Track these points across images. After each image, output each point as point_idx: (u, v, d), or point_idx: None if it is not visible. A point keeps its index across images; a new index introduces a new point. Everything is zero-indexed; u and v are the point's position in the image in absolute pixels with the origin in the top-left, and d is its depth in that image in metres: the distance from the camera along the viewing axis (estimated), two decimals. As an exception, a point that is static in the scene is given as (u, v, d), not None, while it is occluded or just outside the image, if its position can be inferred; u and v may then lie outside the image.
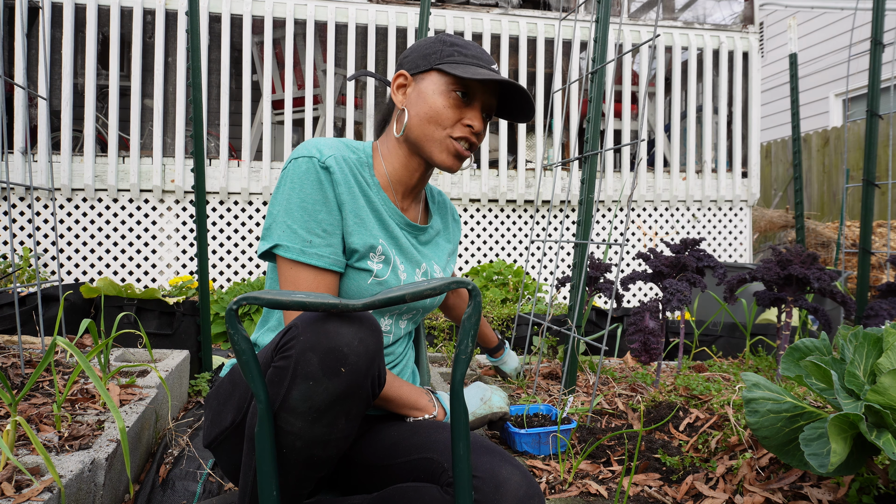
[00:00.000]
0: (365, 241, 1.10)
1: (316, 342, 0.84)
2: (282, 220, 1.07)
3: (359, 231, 1.10)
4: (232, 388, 1.06)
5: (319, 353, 0.83)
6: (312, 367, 0.83)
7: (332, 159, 1.09)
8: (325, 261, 1.07)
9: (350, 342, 0.84)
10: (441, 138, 1.15)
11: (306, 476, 0.92)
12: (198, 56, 2.17)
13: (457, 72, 1.11)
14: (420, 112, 1.15)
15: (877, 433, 1.01)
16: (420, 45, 1.21)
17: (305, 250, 1.06)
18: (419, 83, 1.17)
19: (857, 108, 7.95)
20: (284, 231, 1.07)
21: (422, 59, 1.18)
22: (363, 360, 0.85)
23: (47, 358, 1.29)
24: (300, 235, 1.06)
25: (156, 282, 3.98)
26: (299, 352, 0.84)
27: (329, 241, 1.08)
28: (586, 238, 1.84)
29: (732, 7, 5.37)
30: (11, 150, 3.72)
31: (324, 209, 1.07)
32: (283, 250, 1.06)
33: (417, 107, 1.16)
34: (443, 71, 1.15)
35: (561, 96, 4.47)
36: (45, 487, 1.05)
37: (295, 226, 1.06)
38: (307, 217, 1.06)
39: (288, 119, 4.14)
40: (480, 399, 1.33)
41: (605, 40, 1.84)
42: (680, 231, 4.72)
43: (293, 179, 1.08)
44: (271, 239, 1.08)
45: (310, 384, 0.83)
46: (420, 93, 1.16)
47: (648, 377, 2.05)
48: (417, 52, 1.20)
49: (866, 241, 2.39)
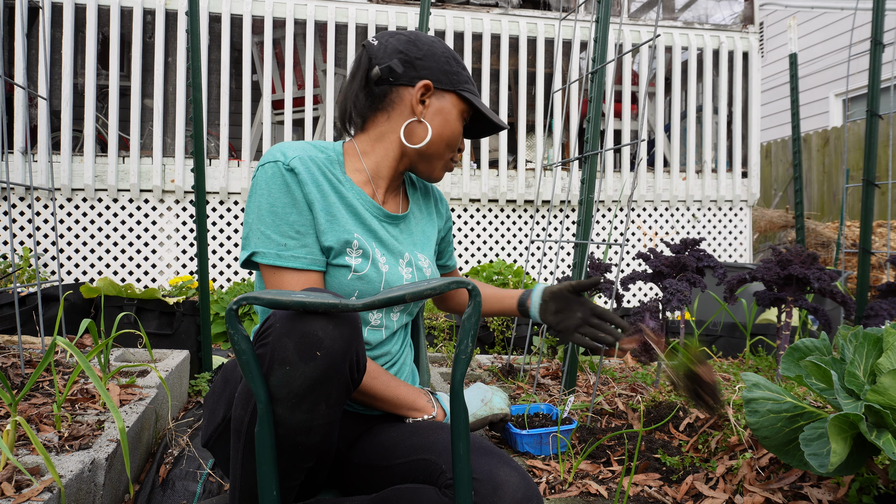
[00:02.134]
0: (338, 237, 1.10)
1: (291, 328, 0.85)
2: (256, 227, 1.08)
3: (331, 228, 1.10)
4: (224, 384, 1.07)
5: (295, 337, 0.84)
6: (288, 351, 0.84)
7: (296, 160, 1.09)
8: (303, 261, 1.08)
9: (325, 326, 0.85)
10: (447, 159, 1.23)
11: (293, 466, 0.92)
12: (198, 56, 2.17)
13: (480, 108, 1.20)
14: (443, 133, 1.19)
15: (877, 433, 1.01)
16: (435, 55, 1.18)
17: (281, 254, 1.07)
18: (439, 100, 1.18)
19: (857, 108, 7.95)
20: (259, 238, 1.07)
21: (444, 74, 1.17)
22: (339, 343, 0.86)
23: (47, 358, 1.29)
24: (274, 240, 1.07)
25: (156, 282, 3.98)
26: (275, 338, 0.85)
27: (303, 241, 1.08)
28: (586, 238, 1.84)
29: (732, 7, 5.37)
30: (11, 150, 3.72)
31: (293, 211, 1.08)
32: (260, 257, 1.07)
33: (441, 127, 1.18)
34: (464, 98, 1.20)
35: (561, 96, 4.47)
36: (45, 487, 1.05)
37: (268, 231, 1.07)
38: (279, 221, 1.07)
39: (288, 119, 4.14)
40: (481, 400, 1.32)
41: (605, 40, 1.84)
42: (680, 231, 4.72)
43: (261, 186, 1.08)
44: (249, 247, 1.09)
45: (286, 369, 0.84)
46: (442, 112, 1.18)
47: (648, 377, 2.05)
48: (435, 62, 1.17)
49: (866, 241, 2.39)
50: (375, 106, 1.19)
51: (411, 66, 1.16)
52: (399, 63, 1.16)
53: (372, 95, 1.19)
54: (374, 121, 1.20)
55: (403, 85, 1.17)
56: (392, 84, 1.17)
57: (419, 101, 1.17)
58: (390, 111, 1.19)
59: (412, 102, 1.16)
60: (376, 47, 1.19)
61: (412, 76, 1.16)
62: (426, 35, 1.21)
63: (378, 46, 1.18)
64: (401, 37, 1.19)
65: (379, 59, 1.17)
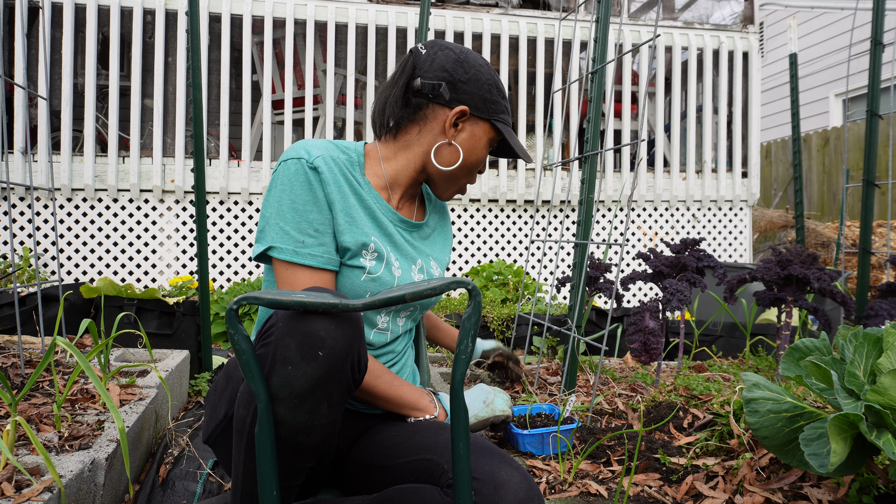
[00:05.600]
0: (356, 238, 1.11)
1: (293, 328, 0.85)
2: (274, 222, 1.08)
3: (350, 229, 1.10)
4: (226, 382, 1.07)
5: (297, 337, 0.84)
6: (290, 351, 0.84)
7: (320, 160, 1.09)
8: (319, 260, 1.08)
9: (327, 326, 0.85)
10: (464, 183, 1.26)
11: (295, 466, 0.92)
12: (198, 56, 2.17)
13: (512, 143, 1.21)
14: (470, 160, 1.20)
15: (877, 433, 1.01)
16: (480, 81, 1.17)
17: (298, 251, 1.07)
18: (472, 126, 1.18)
19: (857, 108, 7.95)
20: (277, 233, 1.07)
21: (483, 102, 1.17)
22: (341, 344, 0.86)
23: (47, 358, 1.29)
24: (292, 236, 1.07)
25: (156, 282, 3.98)
26: (277, 338, 0.85)
27: (321, 240, 1.08)
28: (586, 238, 1.84)
29: (732, 7, 5.37)
30: (11, 150, 3.72)
31: (314, 209, 1.08)
32: (276, 252, 1.07)
33: (470, 153, 1.19)
34: (497, 129, 1.21)
35: (561, 96, 4.47)
36: (45, 487, 1.05)
37: (287, 227, 1.07)
38: (298, 218, 1.07)
39: (288, 119, 4.14)
40: (483, 402, 1.32)
41: (605, 40, 1.84)
42: (680, 231, 4.72)
43: (283, 181, 1.08)
44: (265, 241, 1.08)
45: (288, 369, 0.84)
46: (472, 138, 1.19)
47: (648, 377, 2.05)
48: (479, 89, 1.16)
49: (866, 241, 2.39)
50: (409, 116, 1.19)
51: (454, 87, 1.15)
52: (442, 82, 1.15)
53: (408, 105, 1.18)
54: (405, 130, 1.20)
55: (441, 104, 1.16)
56: (431, 100, 1.16)
57: (452, 125, 1.17)
58: (422, 125, 1.18)
59: (446, 124, 1.16)
60: (423, 57, 1.17)
61: (452, 98, 1.16)
62: (475, 57, 1.19)
63: (425, 57, 1.17)
64: (450, 53, 1.17)
65: (423, 72, 1.16)
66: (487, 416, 1.31)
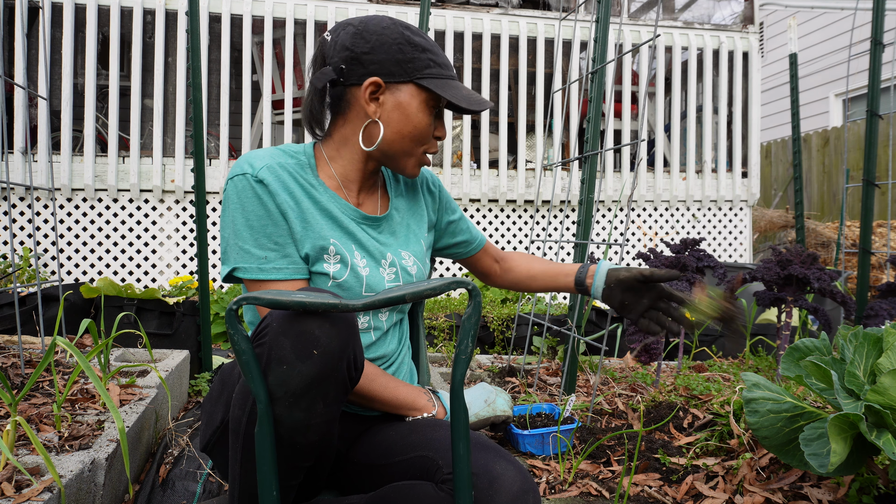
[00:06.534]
0: (314, 243, 1.08)
1: (288, 327, 0.84)
2: (233, 242, 1.06)
3: (306, 234, 1.08)
4: (221, 388, 1.07)
5: (291, 336, 0.84)
6: (285, 350, 0.84)
7: (265, 171, 1.06)
8: (286, 272, 1.06)
9: (321, 325, 0.85)
10: (418, 154, 1.14)
11: (292, 465, 0.92)
12: (198, 56, 2.17)
13: (446, 95, 1.08)
14: (402, 130, 1.10)
15: (877, 433, 1.01)
16: (385, 45, 1.07)
17: (263, 266, 1.06)
18: (394, 94, 1.09)
19: (857, 108, 7.95)
20: (238, 253, 1.06)
21: (395, 65, 1.07)
22: (336, 342, 0.85)
23: (47, 358, 1.29)
24: (254, 254, 1.05)
25: (156, 282, 3.98)
26: (272, 337, 0.85)
27: (284, 251, 1.07)
28: (586, 238, 1.84)
29: (732, 7, 5.37)
30: (11, 150, 3.72)
31: (269, 222, 1.06)
32: (242, 272, 1.06)
33: (397, 124, 1.09)
34: (424, 87, 1.09)
35: (561, 96, 4.47)
36: (45, 487, 1.05)
37: (246, 245, 1.05)
38: (255, 234, 1.05)
39: (288, 119, 4.14)
40: (485, 401, 1.32)
41: (605, 40, 1.84)
42: (680, 231, 4.72)
43: (233, 200, 1.06)
44: (229, 263, 1.07)
45: (283, 368, 0.84)
46: (399, 107, 1.09)
47: (648, 377, 2.05)
48: (386, 54, 1.07)
49: (866, 241, 2.39)
50: (333, 110, 1.13)
51: (358, 62, 1.07)
52: (345, 61, 1.07)
53: (328, 98, 1.12)
54: (335, 125, 1.14)
55: (354, 85, 1.09)
56: (344, 85, 1.10)
57: (370, 101, 1.09)
58: (347, 114, 1.12)
59: (363, 103, 1.09)
60: (329, 45, 1.10)
61: (360, 74, 1.07)
62: (377, 21, 1.09)
63: (330, 43, 1.09)
64: (349, 28, 1.08)
65: (330, 58, 1.09)
66: (488, 415, 1.31)
